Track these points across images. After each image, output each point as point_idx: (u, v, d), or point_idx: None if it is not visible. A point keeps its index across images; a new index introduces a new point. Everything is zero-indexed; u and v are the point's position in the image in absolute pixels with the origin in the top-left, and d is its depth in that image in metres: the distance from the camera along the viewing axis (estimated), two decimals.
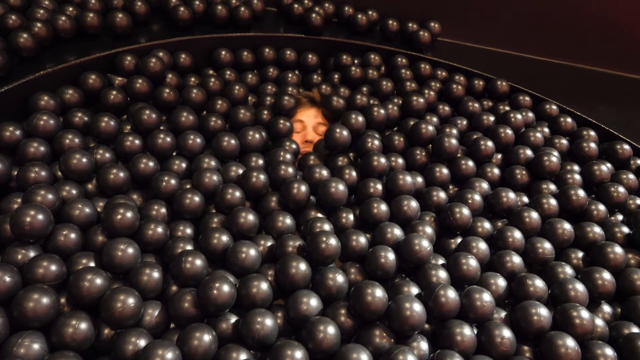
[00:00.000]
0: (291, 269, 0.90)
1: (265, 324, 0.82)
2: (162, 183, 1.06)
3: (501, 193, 1.17)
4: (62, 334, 0.77)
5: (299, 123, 1.43)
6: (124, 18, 1.43)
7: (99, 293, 0.83)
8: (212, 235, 0.96)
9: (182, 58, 1.47)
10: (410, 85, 1.56)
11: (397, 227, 1.03)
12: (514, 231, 1.07)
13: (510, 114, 1.42)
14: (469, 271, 0.96)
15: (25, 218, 0.86)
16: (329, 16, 1.80)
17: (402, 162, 1.24)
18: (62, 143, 1.09)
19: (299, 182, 1.07)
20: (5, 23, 1.30)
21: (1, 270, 0.80)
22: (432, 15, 1.83)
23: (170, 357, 0.74)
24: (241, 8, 1.61)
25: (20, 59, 1.26)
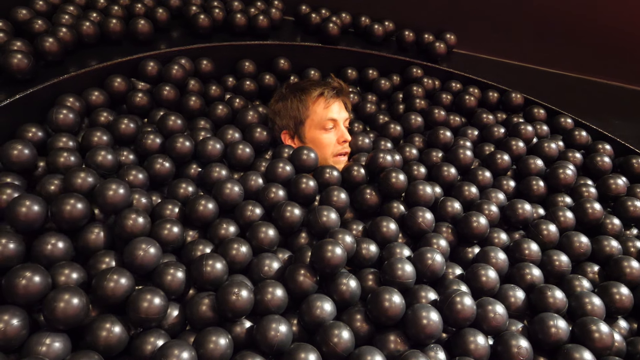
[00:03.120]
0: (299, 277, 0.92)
1: (281, 330, 0.82)
2: (180, 189, 1.09)
3: (517, 204, 1.18)
4: (96, 337, 0.78)
5: (331, 121, 1.31)
6: (145, 24, 1.46)
7: (125, 294, 0.84)
8: (232, 246, 0.96)
9: (203, 65, 1.49)
10: (421, 103, 1.57)
11: (406, 247, 1.03)
12: (531, 243, 1.08)
13: (521, 125, 1.43)
14: (487, 282, 0.96)
15: (65, 207, 0.89)
16: (345, 26, 1.82)
17: (424, 171, 1.25)
18: (89, 140, 1.12)
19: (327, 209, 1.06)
20: (31, 28, 1.33)
21: (30, 271, 0.81)
22: (447, 27, 1.85)
23: (186, 358, 0.75)
24: (260, 17, 1.63)
25: (46, 63, 1.28)
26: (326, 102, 1.31)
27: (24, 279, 0.79)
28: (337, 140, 1.30)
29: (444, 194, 1.23)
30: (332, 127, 1.30)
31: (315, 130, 1.30)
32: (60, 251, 0.88)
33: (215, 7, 1.64)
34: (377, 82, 1.69)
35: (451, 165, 1.26)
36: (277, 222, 1.02)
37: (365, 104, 1.59)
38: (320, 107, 1.31)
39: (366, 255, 1.00)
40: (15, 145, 1.03)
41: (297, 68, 1.66)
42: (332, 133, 1.30)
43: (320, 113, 1.30)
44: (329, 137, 1.30)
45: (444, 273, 0.99)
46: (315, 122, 1.30)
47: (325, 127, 1.30)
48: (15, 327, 0.76)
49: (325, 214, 1.03)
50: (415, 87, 1.63)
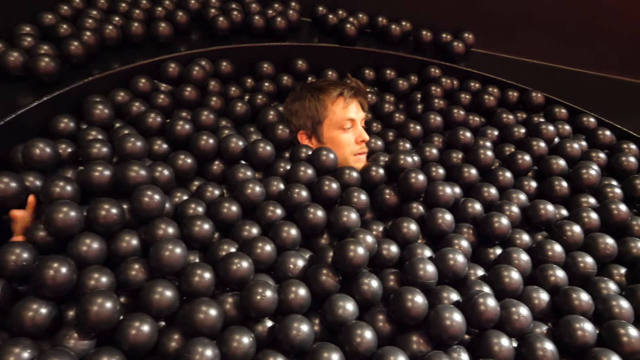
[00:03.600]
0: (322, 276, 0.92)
1: (302, 329, 0.83)
2: (207, 193, 1.10)
3: (539, 205, 1.17)
4: (125, 336, 0.79)
5: (349, 121, 1.30)
6: (166, 27, 1.48)
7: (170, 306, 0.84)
8: (256, 245, 0.96)
9: (223, 66, 1.51)
10: (439, 103, 1.56)
11: (427, 248, 1.03)
12: (554, 244, 1.07)
13: (542, 125, 1.42)
14: (511, 284, 0.95)
15: (101, 212, 0.90)
16: (362, 26, 1.82)
17: (442, 172, 1.25)
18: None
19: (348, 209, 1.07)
20: (57, 32, 1.36)
21: (58, 262, 0.82)
22: (466, 26, 1.83)
23: (209, 355, 0.76)
24: (277, 18, 1.64)
25: (71, 66, 1.31)
26: (345, 102, 1.30)
27: (51, 269, 0.80)
28: (355, 140, 1.30)
29: (464, 195, 1.22)
30: (350, 127, 1.30)
31: (333, 130, 1.30)
32: (95, 252, 0.88)
33: (234, 9, 1.66)
34: (394, 82, 1.69)
35: (471, 166, 1.25)
36: (300, 223, 1.03)
37: (383, 104, 1.59)
38: (339, 107, 1.30)
39: (387, 255, 1.00)
40: (39, 143, 1.04)
41: (315, 69, 1.67)
42: (351, 133, 1.30)
43: (339, 113, 1.30)
44: (347, 137, 1.29)
45: (465, 274, 0.99)
46: (333, 122, 1.30)
47: (343, 127, 1.29)
48: (43, 315, 0.78)
49: (346, 214, 1.04)
50: (434, 87, 1.62)
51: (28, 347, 0.74)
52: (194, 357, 0.75)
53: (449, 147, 1.39)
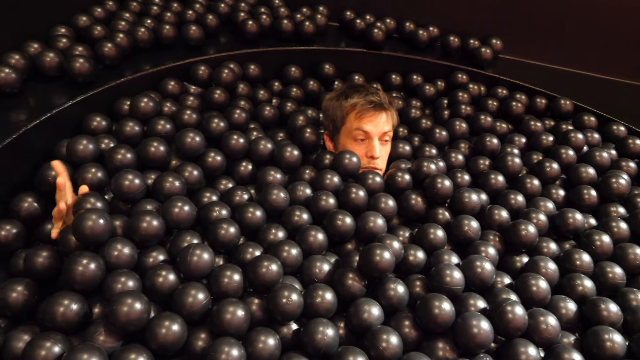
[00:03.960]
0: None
1: (328, 333, 0.83)
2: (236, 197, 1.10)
3: (567, 214, 1.15)
4: (154, 334, 0.80)
5: (362, 133, 1.25)
6: (196, 30, 1.51)
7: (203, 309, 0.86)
8: (282, 248, 0.97)
9: (251, 69, 1.53)
10: (466, 109, 1.56)
11: (454, 255, 1.03)
12: (582, 254, 1.05)
13: (571, 133, 1.40)
14: (538, 292, 0.94)
15: (142, 224, 0.92)
16: (390, 32, 1.82)
17: (468, 178, 1.24)
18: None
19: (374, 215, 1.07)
20: (91, 33, 1.39)
21: (87, 258, 0.84)
22: (493, 32, 1.82)
23: (235, 355, 0.77)
24: (306, 23, 1.65)
25: (105, 67, 1.34)
26: (358, 113, 1.25)
27: (80, 265, 0.83)
28: (365, 153, 1.25)
29: (490, 202, 1.21)
30: (362, 140, 1.25)
31: (347, 139, 1.27)
32: (126, 257, 0.89)
33: (263, 13, 1.68)
34: (421, 87, 1.68)
35: (499, 173, 1.24)
36: (328, 229, 1.03)
37: (410, 109, 1.59)
38: (354, 116, 1.25)
39: (413, 261, 1.00)
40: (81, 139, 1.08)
41: (342, 73, 1.68)
42: (363, 146, 1.25)
43: (353, 123, 1.25)
44: (358, 149, 1.24)
45: (493, 282, 0.98)
46: (348, 131, 1.26)
47: (355, 138, 1.25)
48: (74, 311, 0.80)
49: (372, 219, 1.04)
50: (461, 93, 1.62)
51: (59, 341, 0.76)
52: (220, 356, 0.76)
53: (476, 154, 1.38)
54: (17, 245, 0.98)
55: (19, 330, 0.79)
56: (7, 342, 0.78)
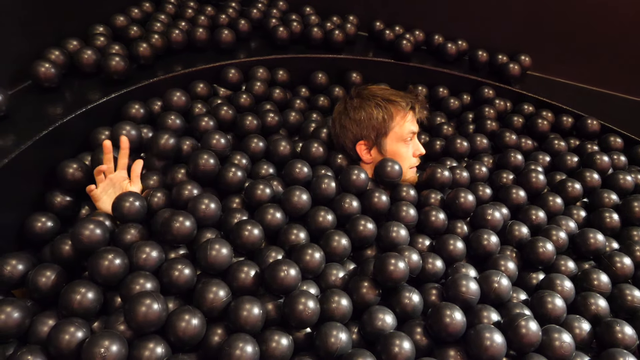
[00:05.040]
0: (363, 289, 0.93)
1: (341, 338, 0.84)
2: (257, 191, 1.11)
3: (589, 234, 1.14)
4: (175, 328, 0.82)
5: (412, 134, 1.28)
6: (228, 34, 1.54)
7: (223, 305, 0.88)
8: (306, 251, 0.97)
9: (280, 74, 1.56)
10: (492, 124, 1.55)
11: (472, 268, 1.03)
12: (600, 274, 1.04)
13: (597, 155, 1.39)
14: (554, 310, 0.94)
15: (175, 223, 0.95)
16: (418, 43, 1.83)
17: (489, 192, 1.24)
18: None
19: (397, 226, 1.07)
20: (127, 33, 1.44)
21: (113, 254, 0.87)
22: (522, 48, 1.82)
23: (249, 351, 0.79)
24: (335, 31, 1.68)
25: (139, 66, 1.39)
26: (414, 116, 1.29)
27: (106, 260, 0.86)
28: (413, 153, 1.29)
29: (511, 217, 1.21)
30: (410, 140, 1.29)
31: (397, 143, 1.27)
32: (154, 260, 0.92)
33: (294, 20, 1.71)
34: (446, 100, 1.69)
35: (521, 188, 1.24)
36: (351, 234, 1.04)
37: (435, 119, 1.61)
38: (407, 120, 1.27)
39: (431, 270, 1.01)
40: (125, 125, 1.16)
41: (368, 82, 1.69)
42: (410, 146, 1.29)
43: (405, 126, 1.27)
44: (408, 150, 1.28)
45: (509, 298, 0.98)
46: (398, 135, 1.26)
47: (406, 140, 1.27)
48: (89, 299, 0.83)
49: (395, 229, 1.05)
50: (487, 108, 1.61)
51: (82, 326, 0.79)
52: (234, 352, 0.78)
53: (499, 168, 1.38)
54: (51, 236, 1.03)
55: (44, 315, 0.82)
56: (33, 325, 0.81)
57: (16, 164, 1.02)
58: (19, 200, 1.06)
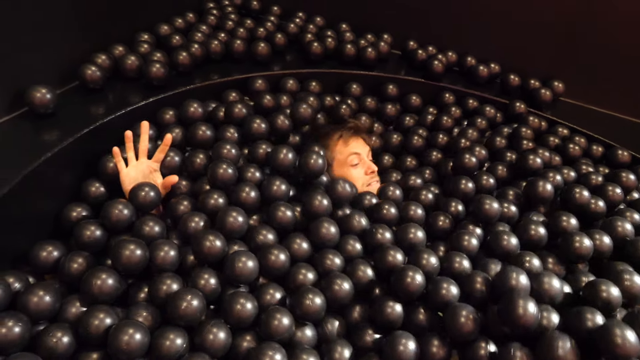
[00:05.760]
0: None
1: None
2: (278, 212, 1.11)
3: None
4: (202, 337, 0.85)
5: (355, 155, 1.38)
6: (264, 47, 1.61)
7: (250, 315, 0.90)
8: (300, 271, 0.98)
9: (312, 86, 1.62)
10: (527, 144, 1.54)
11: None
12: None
13: (623, 173, 1.38)
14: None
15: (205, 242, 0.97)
16: (450, 64, 1.86)
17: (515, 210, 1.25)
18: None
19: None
20: (170, 41, 1.53)
21: (134, 244, 0.93)
22: (556, 74, 1.82)
23: (278, 359, 0.82)
24: (368, 49, 1.72)
25: (177, 73, 1.46)
26: (345, 141, 1.40)
27: (127, 250, 0.91)
28: (365, 172, 1.38)
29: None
30: (357, 163, 1.38)
31: (342, 169, 1.38)
32: (172, 259, 0.96)
33: (329, 36, 1.76)
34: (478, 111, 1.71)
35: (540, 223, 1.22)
36: (378, 263, 1.03)
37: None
38: (341, 146, 1.40)
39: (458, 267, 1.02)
40: None
41: (401, 97, 1.73)
42: (359, 167, 1.38)
43: (343, 152, 1.39)
44: (357, 171, 1.37)
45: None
46: (340, 162, 1.39)
47: (351, 163, 1.38)
48: (110, 285, 0.88)
49: (413, 231, 1.07)
50: (524, 129, 1.60)
51: (110, 314, 0.84)
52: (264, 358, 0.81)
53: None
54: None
55: (73, 298, 0.88)
56: (62, 308, 0.87)
57: (58, 157, 1.09)
58: (58, 190, 1.14)
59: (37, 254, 0.96)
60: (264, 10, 1.97)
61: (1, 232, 0.98)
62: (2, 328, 0.77)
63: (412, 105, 1.72)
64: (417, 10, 1.89)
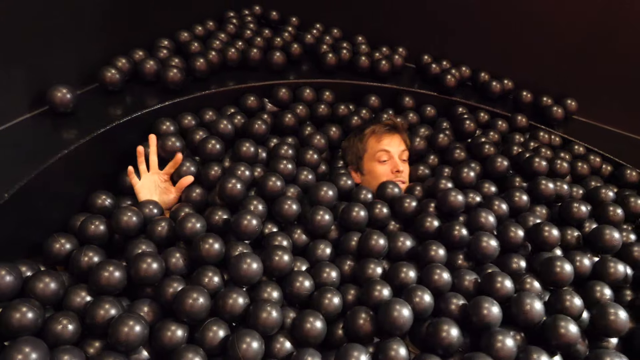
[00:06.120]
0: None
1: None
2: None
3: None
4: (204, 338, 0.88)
5: (384, 152, 1.42)
6: (280, 56, 1.65)
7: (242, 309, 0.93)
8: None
9: (325, 95, 1.65)
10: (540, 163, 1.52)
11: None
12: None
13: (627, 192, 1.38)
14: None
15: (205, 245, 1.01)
16: (464, 79, 1.88)
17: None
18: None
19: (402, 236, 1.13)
20: (189, 48, 1.58)
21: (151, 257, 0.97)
22: (570, 92, 1.82)
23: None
24: (382, 61, 1.75)
25: (194, 78, 1.51)
26: (378, 136, 1.44)
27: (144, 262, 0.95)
28: (391, 170, 1.41)
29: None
30: (386, 160, 1.42)
31: (371, 163, 1.44)
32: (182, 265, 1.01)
33: (344, 48, 1.80)
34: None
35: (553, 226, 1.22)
36: (393, 281, 1.04)
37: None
38: (373, 141, 1.44)
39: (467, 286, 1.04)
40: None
41: (413, 109, 1.75)
42: (387, 165, 1.42)
43: (374, 146, 1.44)
44: (383, 168, 1.42)
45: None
46: (370, 155, 1.44)
47: (379, 159, 1.42)
48: (117, 277, 0.92)
49: (434, 248, 1.09)
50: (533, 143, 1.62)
51: (115, 305, 0.88)
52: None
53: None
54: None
55: (79, 287, 0.92)
56: (67, 296, 0.91)
57: (75, 154, 1.14)
58: (73, 185, 1.18)
59: (50, 245, 1.00)
60: (283, 20, 2.02)
61: (18, 222, 1.02)
62: (17, 313, 0.81)
63: (426, 117, 1.74)
64: (433, 26, 1.93)
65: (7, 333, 0.80)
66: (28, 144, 1.14)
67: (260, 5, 2.05)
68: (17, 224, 1.02)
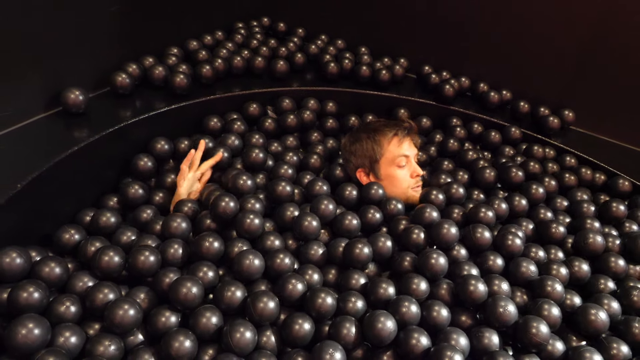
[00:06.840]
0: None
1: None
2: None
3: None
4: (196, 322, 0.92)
5: (404, 157, 1.39)
6: (283, 65, 1.73)
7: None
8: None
9: (329, 106, 1.72)
10: (534, 166, 1.58)
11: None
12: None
13: (613, 203, 1.42)
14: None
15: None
16: (463, 89, 1.93)
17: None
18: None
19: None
20: (197, 56, 1.66)
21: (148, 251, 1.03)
22: (568, 102, 1.85)
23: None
24: (383, 71, 1.81)
25: (200, 84, 1.59)
26: (399, 140, 1.40)
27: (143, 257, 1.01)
28: (410, 175, 1.39)
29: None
30: (405, 164, 1.39)
31: (390, 167, 1.39)
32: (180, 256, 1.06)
33: (346, 58, 1.87)
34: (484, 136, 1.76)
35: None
36: (403, 290, 1.05)
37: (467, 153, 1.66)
38: (394, 145, 1.39)
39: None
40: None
41: (412, 119, 1.80)
42: (406, 169, 1.39)
43: (393, 151, 1.39)
44: (403, 173, 1.39)
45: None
46: (389, 160, 1.39)
47: (399, 164, 1.38)
48: (116, 262, 0.98)
49: (435, 256, 1.08)
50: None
51: (113, 290, 0.94)
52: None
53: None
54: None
55: (81, 273, 0.99)
56: (70, 281, 0.98)
57: (84, 152, 1.22)
58: (81, 180, 1.26)
59: (60, 235, 1.08)
60: (290, 31, 2.10)
61: (30, 212, 1.10)
62: (24, 292, 0.88)
63: (422, 127, 1.79)
64: (434, 38, 1.99)
65: (14, 311, 0.87)
66: (42, 141, 1.22)
67: (268, 17, 2.14)
68: (29, 214, 1.09)
